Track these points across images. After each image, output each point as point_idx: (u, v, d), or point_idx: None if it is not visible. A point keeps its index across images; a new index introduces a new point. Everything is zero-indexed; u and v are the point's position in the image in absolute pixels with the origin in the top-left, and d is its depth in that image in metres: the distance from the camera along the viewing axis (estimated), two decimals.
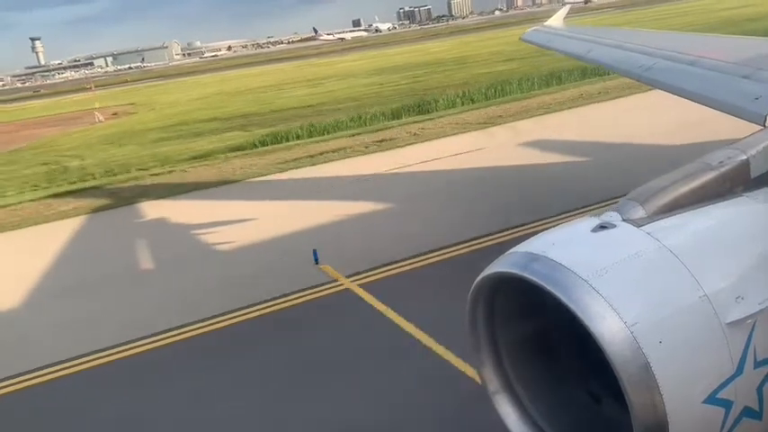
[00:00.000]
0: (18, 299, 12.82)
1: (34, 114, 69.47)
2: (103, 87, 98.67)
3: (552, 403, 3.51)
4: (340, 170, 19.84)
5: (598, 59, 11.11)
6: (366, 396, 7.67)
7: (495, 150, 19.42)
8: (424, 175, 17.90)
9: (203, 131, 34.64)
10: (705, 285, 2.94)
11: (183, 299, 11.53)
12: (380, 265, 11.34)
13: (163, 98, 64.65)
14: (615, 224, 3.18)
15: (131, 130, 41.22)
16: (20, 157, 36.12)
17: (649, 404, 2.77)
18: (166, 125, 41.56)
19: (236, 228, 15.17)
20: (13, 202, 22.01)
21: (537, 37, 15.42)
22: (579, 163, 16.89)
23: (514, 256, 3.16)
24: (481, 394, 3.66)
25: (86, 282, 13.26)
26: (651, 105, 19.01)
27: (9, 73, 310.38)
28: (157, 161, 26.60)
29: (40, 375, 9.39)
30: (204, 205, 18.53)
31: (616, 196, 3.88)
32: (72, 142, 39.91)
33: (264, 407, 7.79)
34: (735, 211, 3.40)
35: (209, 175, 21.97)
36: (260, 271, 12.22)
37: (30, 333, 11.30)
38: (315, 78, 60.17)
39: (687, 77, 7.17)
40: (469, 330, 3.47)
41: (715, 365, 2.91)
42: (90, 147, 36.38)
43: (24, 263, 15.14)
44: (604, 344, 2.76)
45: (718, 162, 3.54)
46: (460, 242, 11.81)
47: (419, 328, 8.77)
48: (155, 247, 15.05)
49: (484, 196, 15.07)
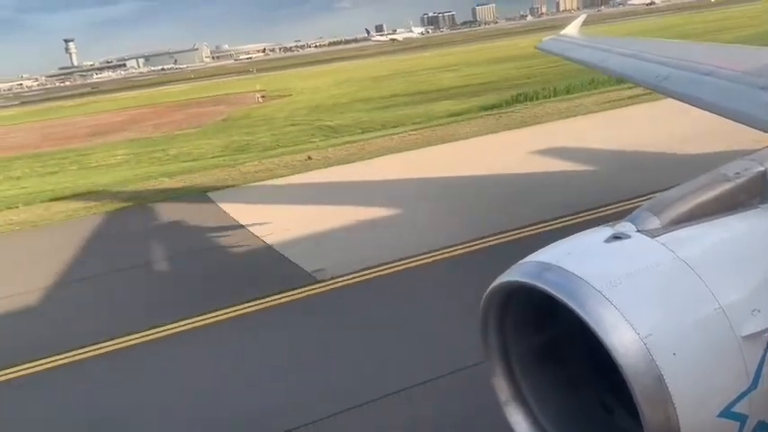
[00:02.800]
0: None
1: (182, 98, 73.71)
2: (207, 78, 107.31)
3: (564, 414, 3.48)
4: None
5: (613, 69, 11.11)
6: None
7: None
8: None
9: (408, 103, 37.71)
10: (720, 298, 2.90)
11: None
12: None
13: (297, 85, 66.06)
14: (629, 235, 3.15)
15: (320, 105, 44.68)
16: (250, 123, 41.29)
17: (662, 417, 2.74)
18: (352, 100, 45.21)
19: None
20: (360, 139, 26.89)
21: (553, 46, 15.44)
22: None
23: (527, 266, 3.14)
24: None
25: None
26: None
27: (44, 73, 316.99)
28: (423, 118, 30.33)
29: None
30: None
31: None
32: (276, 113, 44.70)
33: None
34: (751, 222, 3.36)
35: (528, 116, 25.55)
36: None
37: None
38: (431, 68, 63.10)
39: (703, 88, 7.13)
40: (481, 339, 3.46)
41: (730, 379, 2.88)
42: (310, 113, 40.80)
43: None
44: (617, 355, 2.73)
45: (734, 173, 3.51)
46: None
47: None
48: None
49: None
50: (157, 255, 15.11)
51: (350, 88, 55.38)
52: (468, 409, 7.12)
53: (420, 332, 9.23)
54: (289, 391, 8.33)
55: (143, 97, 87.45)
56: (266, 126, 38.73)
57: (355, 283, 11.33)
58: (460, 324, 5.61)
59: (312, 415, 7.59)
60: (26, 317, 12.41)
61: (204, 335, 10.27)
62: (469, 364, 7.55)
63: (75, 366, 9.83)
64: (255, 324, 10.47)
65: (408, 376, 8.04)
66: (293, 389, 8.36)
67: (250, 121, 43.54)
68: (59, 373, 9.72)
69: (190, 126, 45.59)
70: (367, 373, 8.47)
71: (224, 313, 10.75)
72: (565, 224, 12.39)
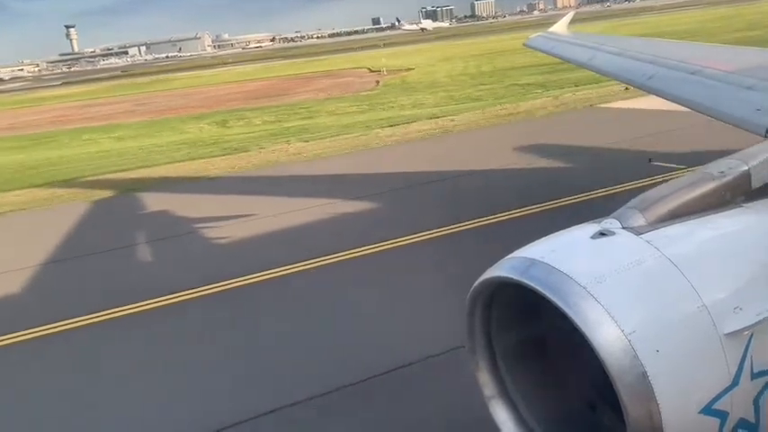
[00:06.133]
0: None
1: (287, 73, 74.01)
2: (292, 59, 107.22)
3: (548, 410, 3.50)
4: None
5: (600, 67, 11.12)
6: None
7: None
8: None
9: (543, 72, 38.33)
10: (704, 295, 2.93)
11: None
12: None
13: (403, 61, 65.19)
14: (615, 231, 3.17)
15: (467, 74, 46.05)
16: (424, 86, 42.63)
17: (645, 413, 2.76)
18: (494, 70, 46.30)
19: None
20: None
21: (540, 43, 15.45)
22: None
23: (513, 261, 3.15)
24: None
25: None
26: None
27: (44, 59, 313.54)
28: (586, 82, 31.37)
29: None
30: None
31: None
32: (430, 79, 46.08)
33: None
34: (735, 221, 3.39)
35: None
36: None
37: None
38: (498, 51, 63.31)
39: (690, 87, 7.16)
40: (467, 334, 3.46)
41: (712, 376, 2.90)
42: (473, 78, 42.33)
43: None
44: (601, 352, 2.75)
45: (719, 172, 3.54)
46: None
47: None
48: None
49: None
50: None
51: (465, 63, 55.27)
52: None
53: None
54: None
55: (238, 73, 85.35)
56: (453, 86, 40.17)
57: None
58: None
59: None
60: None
61: None
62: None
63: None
64: None
65: None
66: None
67: (419, 85, 43.97)
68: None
69: (350, 91, 45.91)
70: None
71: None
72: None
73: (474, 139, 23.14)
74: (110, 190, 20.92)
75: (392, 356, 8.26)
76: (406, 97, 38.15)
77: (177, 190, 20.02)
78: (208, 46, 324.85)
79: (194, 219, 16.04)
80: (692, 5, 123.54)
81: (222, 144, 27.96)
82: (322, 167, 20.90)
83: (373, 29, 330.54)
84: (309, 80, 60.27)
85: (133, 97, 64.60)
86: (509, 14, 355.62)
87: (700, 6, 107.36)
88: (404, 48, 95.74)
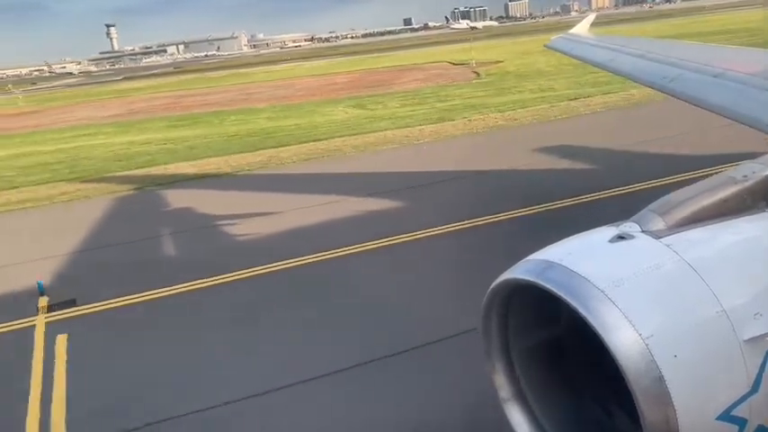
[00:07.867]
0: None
1: (366, 67, 75.03)
2: (346, 56, 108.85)
3: (563, 413, 3.48)
4: None
5: (621, 69, 11.01)
6: None
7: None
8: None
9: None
10: (723, 300, 2.89)
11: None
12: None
13: (485, 56, 65.00)
14: (634, 235, 3.14)
15: (557, 67, 45.09)
16: (523, 76, 43.10)
17: (662, 418, 2.74)
18: (573, 63, 46.89)
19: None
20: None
21: (561, 44, 15.35)
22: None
23: (530, 264, 3.14)
24: None
25: None
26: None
27: (85, 57, 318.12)
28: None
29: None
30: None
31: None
32: (528, 70, 46.44)
33: None
34: (756, 226, 3.34)
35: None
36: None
37: None
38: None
39: (712, 90, 7.06)
40: (482, 336, 3.45)
41: (730, 382, 2.87)
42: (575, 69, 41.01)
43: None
44: (619, 356, 2.73)
45: (741, 176, 3.50)
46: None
47: None
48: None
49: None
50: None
51: (545, 57, 53.50)
52: None
53: None
54: None
55: (307, 69, 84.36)
56: (564, 74, 40.06)
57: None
58: None
59: None
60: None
61: None
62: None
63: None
64: None
65: None
66: None
67: (528, 73, 44.29)
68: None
69: (456, 80, 45.98)
70: None
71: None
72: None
73: (661, 108, 23.05)
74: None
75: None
76: (528, 83, 38.60)
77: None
78: (244, 45, 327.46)
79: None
80: (747, 5, 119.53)
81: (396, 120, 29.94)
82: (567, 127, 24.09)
83: (406, 29, 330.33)
84: (400, 73, 59.43)
85: (223, 89, 64.33)
86: (546, 15, 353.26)
87: (755, 6, 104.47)
88: (461, 45, 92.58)
